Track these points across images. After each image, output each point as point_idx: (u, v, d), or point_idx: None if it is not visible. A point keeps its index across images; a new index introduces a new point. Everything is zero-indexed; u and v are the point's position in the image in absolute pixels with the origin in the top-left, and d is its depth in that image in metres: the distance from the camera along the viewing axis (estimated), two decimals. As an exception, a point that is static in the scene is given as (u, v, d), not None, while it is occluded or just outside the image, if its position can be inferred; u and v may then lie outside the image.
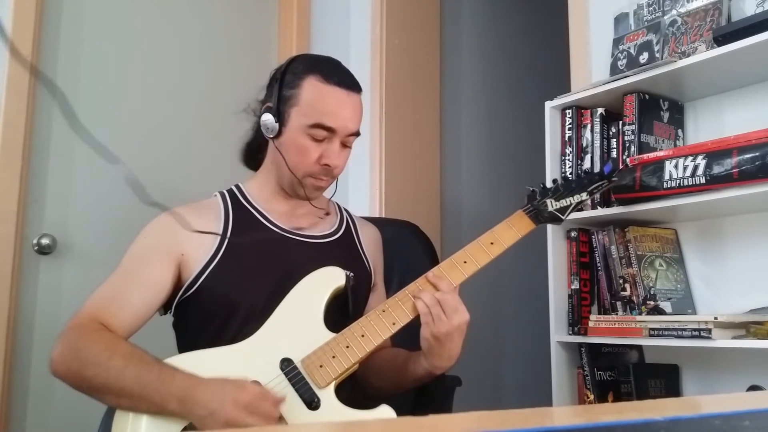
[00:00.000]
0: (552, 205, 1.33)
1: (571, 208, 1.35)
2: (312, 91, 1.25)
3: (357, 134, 1.30)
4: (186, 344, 1.24)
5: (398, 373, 1.25)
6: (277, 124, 1.26)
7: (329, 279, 1.22)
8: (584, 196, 1.37)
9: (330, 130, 1.25)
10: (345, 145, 1.29)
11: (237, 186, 1.36)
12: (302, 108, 1.25)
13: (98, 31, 2.16)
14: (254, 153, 1.39)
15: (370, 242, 1.42)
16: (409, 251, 1.61)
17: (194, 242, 1.23)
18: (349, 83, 1.28)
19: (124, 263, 1.22)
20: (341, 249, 1.34)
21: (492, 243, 1.25)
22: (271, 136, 1.28)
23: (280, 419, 1.08)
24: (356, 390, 1.24)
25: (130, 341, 1.16)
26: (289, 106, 1.26)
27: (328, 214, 1.40)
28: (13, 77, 1.91)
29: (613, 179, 1.43)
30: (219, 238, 1.24)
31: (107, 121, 2.12)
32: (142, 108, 2.21)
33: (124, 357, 1.09)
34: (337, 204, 1.45)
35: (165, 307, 1.27)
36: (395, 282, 1.46)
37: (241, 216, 1.29)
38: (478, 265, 1.22)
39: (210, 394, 1.04)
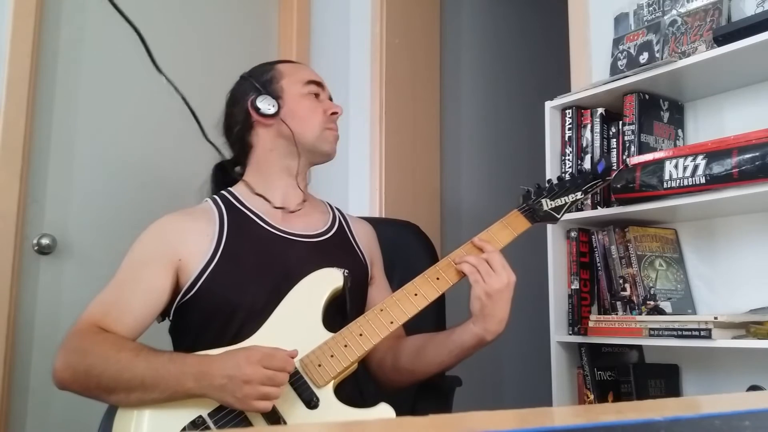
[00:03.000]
0: (547, 204, 1.34)
1: (566, 207, 1.36)
2: (287, 66, 1.42)
3: (331, 99, 1.42)
4: (184, 348, 1.24)
5: (441, 349, 1.26)
6: (274, 100, 1.32)
7: (328, 280, 1.22)
8: (579, 195, 1.38)
9: (320, 85, 1.38)
10: None
11: (228, 190, 1.36)
12: (291, 77, 1.37)
13: (98, 31, 2.16)
14: (228, 170, 1.40)
15: (364, 236, 1.43)
16: (410, 251, 1.61)
17: (190, 246, 1.23)
18: None
19: (122, 271, 1.23)
20: (336, 246, 1.35)
21: (488, 242, 1.25)
22: (274, 112, 1.32)
23: (280, 419, 1.08)
24: (355, 388, 1.25)
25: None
26: (276, 81, 1.36)
27: (333, 211, 1.42)
28: (13, 77, 1.91)
29: (608, 178, 1.43)
30: (215, 241, 1.24)
31: (107, 119, 2.12)
32: (141, 107, 2.21)
33: (132, 350, 1.10)
34: (329, 204, 1.46)
35: (162, 314, 1.26)
36: (396, 281, 1.46)
37: (236, 218, 1.29)
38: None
39: (224, 364, 1.05)
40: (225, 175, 1.41)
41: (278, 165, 1.34)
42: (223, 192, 1.35)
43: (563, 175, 1.65)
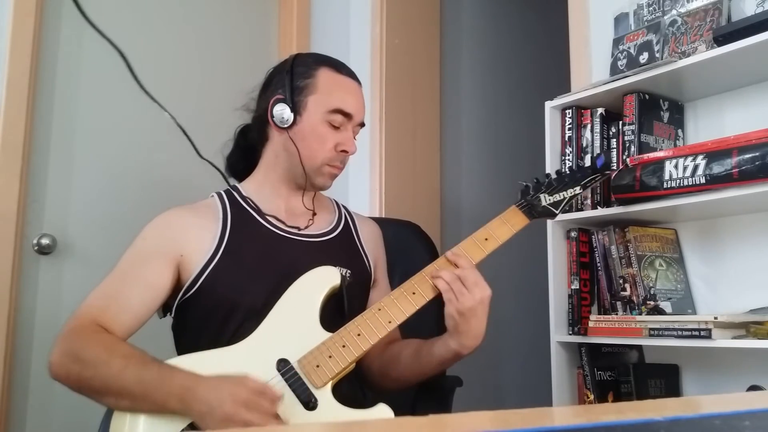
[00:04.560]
0: (546, 199, 1.33)
1: (564, 202, 1.34)
2: (329, 78, 1.30)
3: (363, 125, 1.34)
4: (185, 346, 1.24)
5: (422, 360, 1.25)
6: (293, 114, 1.27)
7: (324, 278, 1.21)
8: (578, 189, 1.36)
9: (347, 115, 1.29)
10: (353, 134, 1.33)
11: (234, 186, 1.35)
12: (321, 95, 1.28)
13: (98, 32, 2.15)
14: (244, 158, 1.39)
15: (369, 238, 1.42)
16: (411, 251, 1.61)
17: (193, 243, 1.22)
18: (355, 76, 1.35)
19: (123, 264, 1.22)
20: (340, 247, 1.34)
21: (486, 239, 1.25)
22: (285, 126, 1.28)
23: (277, 417, 1.08)
24: (354, 389, 1.24)
25: (128, 342, 1.16)
26: (305, 95, 1.28)
27: (340, 210, 1.42)
28: (13, 77, 1.91)
29: (606, 172, 1.42)
30: (218, 238, 1.23)
31: (107, 119, 2.12)
32: (141, 108, 2.21)
33: (124, 357, 1.09)
34: (336, 202, 1.45)
35: (164, 310, 1.26)
36: (396, 282, 1.46)
37: (240, 216, 1.29)
38: (472, 261, 1.23)
39: (209, 392, 1.03)
40: (245, 139, 1.39)
41: (281, 174, 1.32)
42: (229, 188, 1.35)
43: (562, 169, 1.65)
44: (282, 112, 1.27)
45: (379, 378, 1.30)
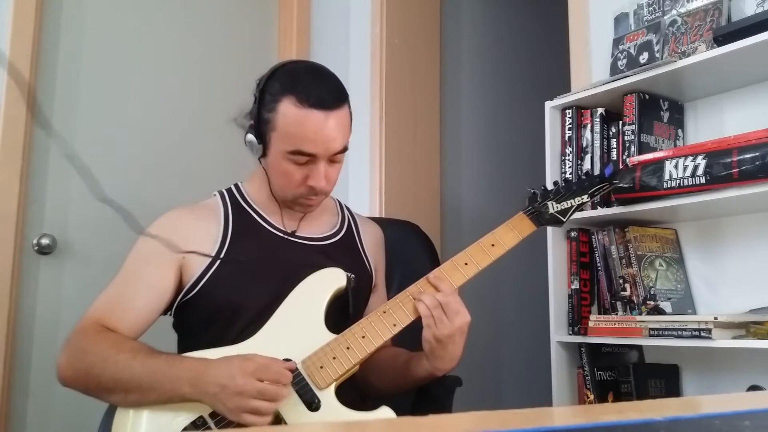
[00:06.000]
0: (553, 207, 1.33)
1: (572, 210, 1.35)
2: (288, 116, 1.18)
3: (344, 150, 1.25)
4: (186, 346, 1.24)
5: (399, 373, 1.26)
6: (261, 145, 1.24)
7: (330, 280, 1.22)
8: (585, 198, 1.37)
9: (310, 155, 1.20)
10: (333, 161, 1.25)
11: (236, 186, 1.35)
12: (280, 134, 1.20)
13: (98, 32, 2.16)
14: None
15: (371, 242, 1.41)
16: (410, 251, 1.61)
17: (194, 246, 1.22)
18: (328, 100, 1.20)
19: (126, 267, 1.23)
20: (342, 250, 1.33)
21: (493, 245, 1.25)
22: (258, 155, 1.26)
23: (281, 421, 1.08)
24: (356, 391, 1.24)
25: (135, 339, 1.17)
26: (268, 129, 1.22)
27: (343, 213, 1.41)
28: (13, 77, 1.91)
29: (614, 182, 1.43)
30: (219, 242, 1.24)
31: (107, 121, 2.12)
32: (141, 108, 2.21)
33: (131, 351, 1.10)
34: (339, 203, 1.44)
35: (165, 309, 1.27)
36: (396, 282, 1.46)
37: (241, 218, 1.29)
38: (479, 266, 1.23)
39: (218, 370, 1.05)
40: None
41: (269, 191, 1.32)
42: (231, 187, 1.35)
43: (570, 177, 1.64)
44: (252, 142, 1.24)
45: (359, 383, 1.29)
